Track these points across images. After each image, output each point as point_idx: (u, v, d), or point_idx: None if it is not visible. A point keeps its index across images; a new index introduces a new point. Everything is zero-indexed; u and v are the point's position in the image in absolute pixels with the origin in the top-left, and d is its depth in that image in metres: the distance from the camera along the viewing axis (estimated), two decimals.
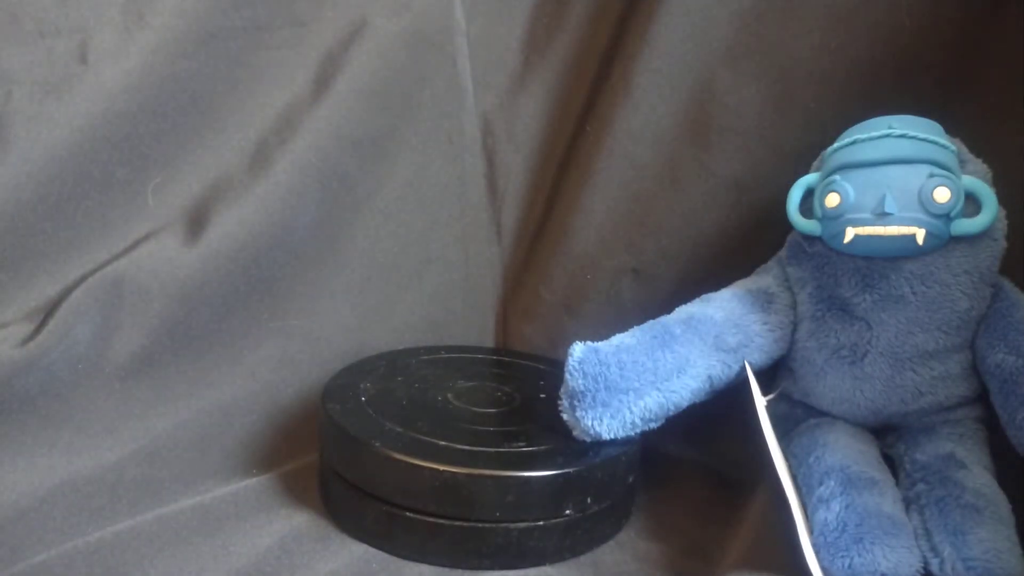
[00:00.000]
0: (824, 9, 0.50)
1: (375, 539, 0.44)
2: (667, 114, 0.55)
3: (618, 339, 0.46)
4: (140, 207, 0.51)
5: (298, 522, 0.46)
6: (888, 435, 0.47)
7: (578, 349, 0.45)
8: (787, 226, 0.47)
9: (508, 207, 0.65)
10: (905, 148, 0.42)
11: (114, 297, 0.48)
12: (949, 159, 0.42)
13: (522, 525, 0.43)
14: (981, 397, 0.45)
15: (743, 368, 0.46)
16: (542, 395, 0.52)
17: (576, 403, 0.44)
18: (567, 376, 0.45)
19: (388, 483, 0.43)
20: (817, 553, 0.38)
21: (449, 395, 0.50)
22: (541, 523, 0.43)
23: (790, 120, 0.52)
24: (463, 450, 0.43)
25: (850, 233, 0.42)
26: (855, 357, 0.45)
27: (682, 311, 0.47)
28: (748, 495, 0.49)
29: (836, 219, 0.42)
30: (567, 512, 0.44)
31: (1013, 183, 0.44)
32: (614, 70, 0.58)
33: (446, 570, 0.43)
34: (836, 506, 0.39)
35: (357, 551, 0.44)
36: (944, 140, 0.42)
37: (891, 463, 0.44)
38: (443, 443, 0.44)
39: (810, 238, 0.46)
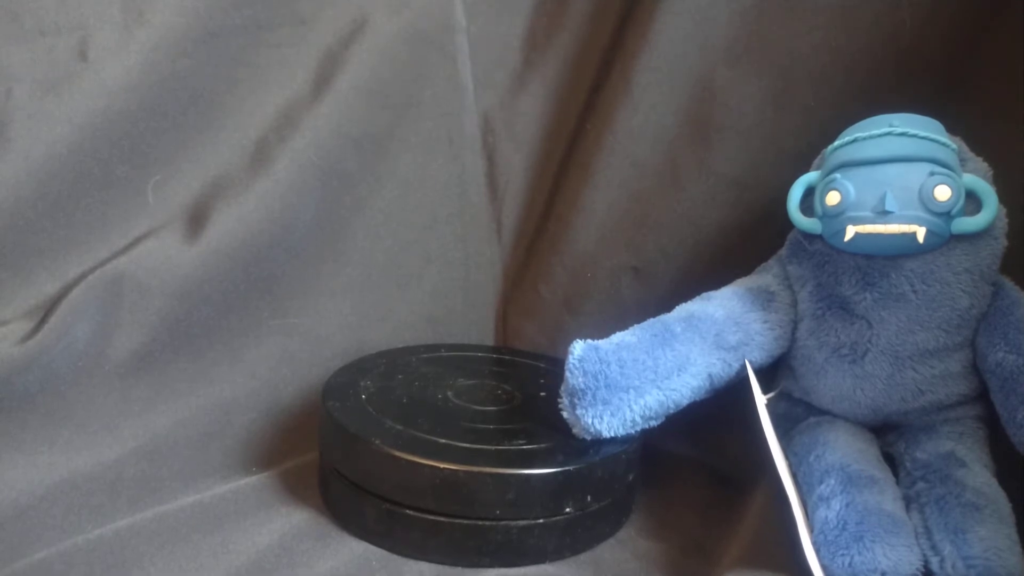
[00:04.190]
0: (825, 8, 0.50)
1: (375, 537, 0.44)
2: (667, 113, 0.55)
3: (618, 337, 0.46)
4: (140, 205, 0.51)
5: (298, 520, 0.46)
6: (888, 433, 0.47)
7: (578, 347, 0.45)
8: (787, 224, 0.47)
9: (508, 205, 0.65)
10: (906, 146, 0.42)
11: (114, 295, 0.48)
12: (950, 157, 0.42)
13: (522, 523, 0.43)
14: (981, 395, 0.44)
15: (743, 366, 0.46)
16: (542, 393, 0.52)
17: (576, 401, 0.44)
18: (567, 374, 0.45)
19: (388, 481, 0.43)
20: (817, 551, 0.38)
21: (449, 393, 0.50)
22: (541, 521, 0.43)
23: (790, 118, 0.52)
24: (463, 448, 0.43)
25: (851, 231, 0.42)
26: (855, 355, 0.45)
27: (682, 309, 0.47)
28: (748, 493, 0.49)
29: (837, 217, 0.42)
30: (567, 510, 0.44)
31: (1014, 181, 0.44)
32: (614, 69, 0.58)
33: (446, 568, 0.43)
34: (836, 504, 0.39)
35: (357, 549, 0.44)
36: (945, 138, 0.42)
37: (891, 461, 0.44)
38: (443, 441, 0.44)
39: (810, 236, 0.46)
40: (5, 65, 0.46)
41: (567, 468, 0.43)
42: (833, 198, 0.42)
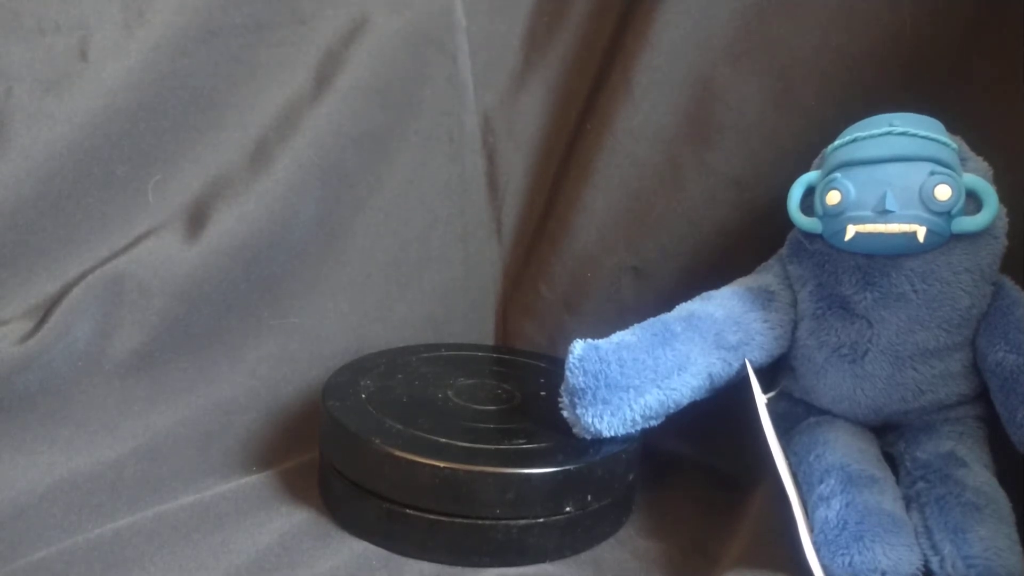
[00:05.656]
0: (825, 7, 0.50)
1: (375, 536, 0.44)
2: (668, 112, 0.55)
3: (619, 336, 0.46)
4: (140, 204, 0.51)
5: (298, 519, 0.46)
6: (888, 433, 0.47)
7: (579, 346, 0.45)
8: (788, 224, 0.47)
9: (508, 205, 0.65)
10: (906, 146, 0.42)
11: (114, 294, 0.48)
12: (950, 157, 0.42)
13: (522, 522, 0.43)
14: (981, 395, 0.45)
15: (743, 366, 0.46)
16: (542, 392, 0.52)
17: (576, 400, 0.44)
18: (567, 373, 0.45)
19: (388, 480, 0.43)
20: (817, 551, 0.38)
21: (449, 392, 0.50)
22: (541, 520, 0.43)
23: (791, 118, 0.52)
24: (463, 447, 0.43)
25: (851, 231, 0.42)
26: (855, 355, 0.45)
27: (682, 309, 0.47)
28: (748, 493, 0.49)
29: (837, 217, 0.42)
30: (567, 509, 0.44)
31: (1014, 181, 0.44)
32: (615, 68, 0.58)
33: (446, 567, 0.43)
34: (836, 504, 0.39)
35: (357, 548, 0.44)
36: (945, 138, 0.42)
37: (891, 461, 0.44)
38: (443, 440, 0.44)
39: (811, 236, 0.46)
40: (5, 64, 0.46)
41: (567, 468, 0.43)
42: (833, 197, 0.42)
